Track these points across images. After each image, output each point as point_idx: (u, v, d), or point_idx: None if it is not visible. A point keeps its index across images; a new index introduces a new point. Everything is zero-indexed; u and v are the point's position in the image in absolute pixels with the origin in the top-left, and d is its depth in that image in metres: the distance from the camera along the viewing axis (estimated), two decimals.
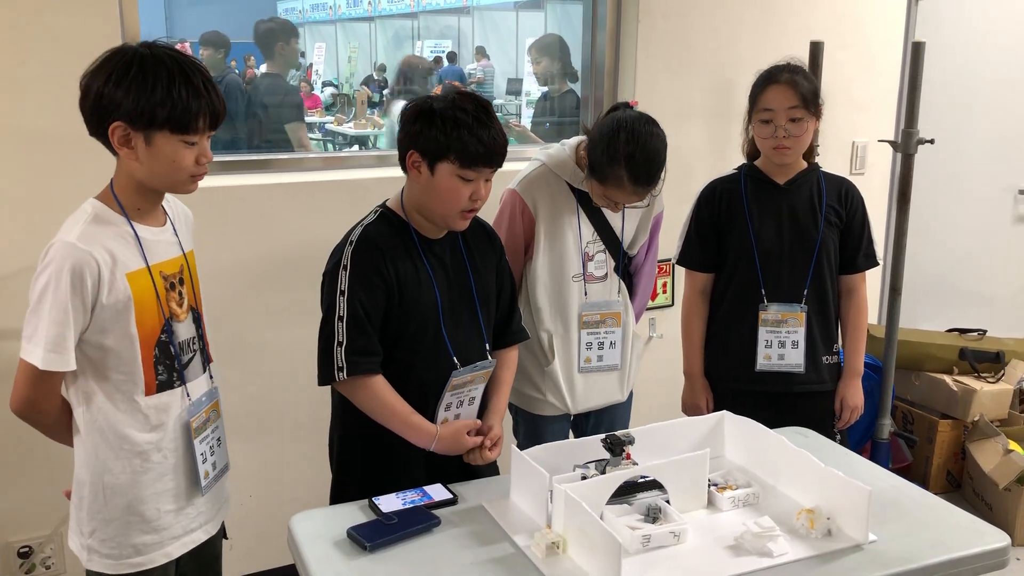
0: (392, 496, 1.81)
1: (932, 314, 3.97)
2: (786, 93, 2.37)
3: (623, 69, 3.30)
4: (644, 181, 2.19)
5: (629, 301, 2.47)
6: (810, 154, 2.55)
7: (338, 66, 9.42)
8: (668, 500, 1.75)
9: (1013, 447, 3.36)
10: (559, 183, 2.34)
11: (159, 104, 1.57)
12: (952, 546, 1.68)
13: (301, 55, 4.76)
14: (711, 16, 3.34)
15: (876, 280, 3.93)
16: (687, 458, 1.79)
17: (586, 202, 2.35)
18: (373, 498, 1.80)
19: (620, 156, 2.15)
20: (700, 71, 3.36)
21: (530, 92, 4.45)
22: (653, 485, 1.77)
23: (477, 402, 2.06)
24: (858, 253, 2.53)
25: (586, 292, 2.39)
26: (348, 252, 1.92)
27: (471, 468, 2.02)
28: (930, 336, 3.77)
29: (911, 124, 3.23)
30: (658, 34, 3.27)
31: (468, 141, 1.85)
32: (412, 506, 1.78)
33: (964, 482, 3.62)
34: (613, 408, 2.53)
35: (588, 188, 2.30)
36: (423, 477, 1.95)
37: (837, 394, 2.57)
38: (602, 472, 1.76)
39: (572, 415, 2.48)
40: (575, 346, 2.40)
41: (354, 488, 1.99)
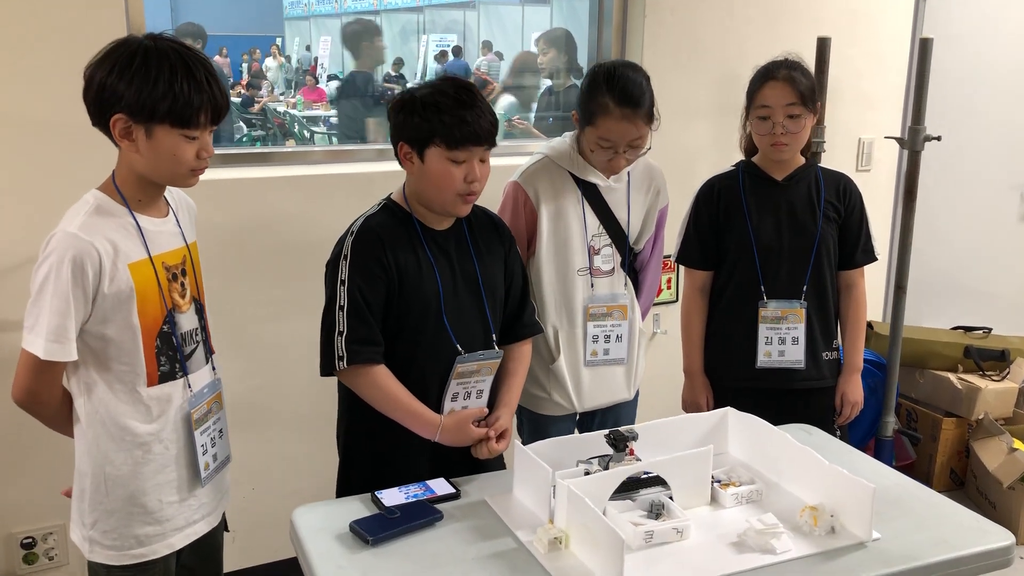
0: (395, 490, 1.81)
1: (937, 311, 3.96)
2: (784, 90, 2.36)
3: None
4: (629, 101, 2.17)
5: (635, 297, 2.45)
6: (807, 149, 2.54)
7: (343, 60, 9.39)
8: (671, 496, 1.74)
9: (1018, 445, 3.35)
10: (562, 174, 2.32)
11: (161, 98, 1.57)
12: (956, 545, 1.67)
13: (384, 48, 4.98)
14: (718, 11, 3.33)
15: (881, 277, 3.92)
16: (691, 454, 1.79)
17: (591, 193, 2.33)
18: (376, 492, 1.80)
19: (601, 83, 2.20)
20: (707, 66, 3.35)
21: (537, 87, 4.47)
22: (656, 481, 1.77)
23: (486, 395, 2.04)
24: (856, 248, 2.52)
25: (592, 285, 2.37)
26: (349, 242, 1.92)
27: (477, 461, 1.99)
28: (935, 334, 3.76)
29: (918, 121, 3.22)
30: (665, 29, 3.26)
31: (451, 123, 1.85)
32: (415, 500, 1.78)
33: (968, 480, 3.61)
34: (619, 407, 2.49)
35: (584, 145, 2.27)
36: (428, 470, 1.94)
37: (837, 390, 2.56)
38: (605, 468, 1.76)
39: (578, 414, 2.45)
40: (580, 340, 2.37)
41: (360, 480, 1.99)
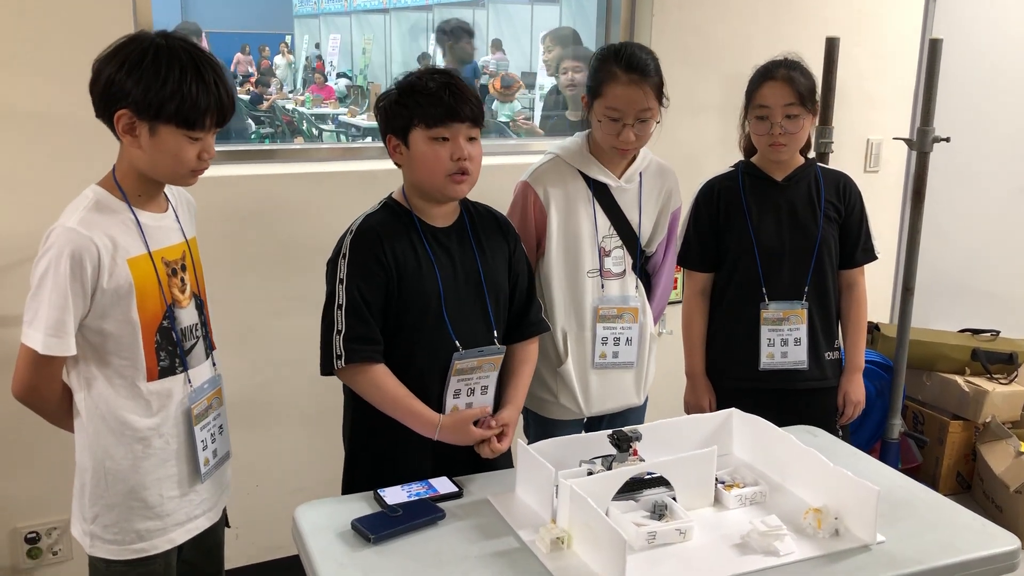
0: (397, 488, 1.81)
1: (945, 314, 3.94)
2: (783, 90, 2.35)
3: None
4: (637, 68, 2.17)
5: (647, 300, 2.41)
6: (810, 148, 2.53)
7: (352, 58, 9.40)
8: (674, 497, 1.74)
9: None
10: (573, 174, 2.30)
11: (168, 98, 1.57)
12: (961, 548, 1.66)
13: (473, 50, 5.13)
14: (726, 9, 3.32)
15: (888, 279, 3.90)
16: (694, 455, 1.78)
17: (602, 194, 2.30)
18: (378, 490, 1.79)
19: (609, 56, 2.21)
20: (715, 64, 3.33)
21: (543, 86, 4.47)
22: (660, 482, 1.76)
23: (491, 392, 2.03)
24: (857, 247, 2.51)
25: (603, 286, 2.33)
26: (348, 241, 1.92)
27: (480, 459, 1.98)
28: (942, 336, 3.74)
29: (927, 122, 3.19)
30: (673, 27, 3.25)
31: (427, 102, 1.87)
32: (417, 499, 1.77)
33: (974, 484, 3.59)
34: (628, 413, 2.43)
35: (592, 124, 2.25)
36: (431, 468, 1.94)
37: (839, 390, 2.55)
38: (608, 468, 1.75)
39: (585, 418, 2.41)
40: (589, 342, 2.33)
41: (363, 478, 1.98)
